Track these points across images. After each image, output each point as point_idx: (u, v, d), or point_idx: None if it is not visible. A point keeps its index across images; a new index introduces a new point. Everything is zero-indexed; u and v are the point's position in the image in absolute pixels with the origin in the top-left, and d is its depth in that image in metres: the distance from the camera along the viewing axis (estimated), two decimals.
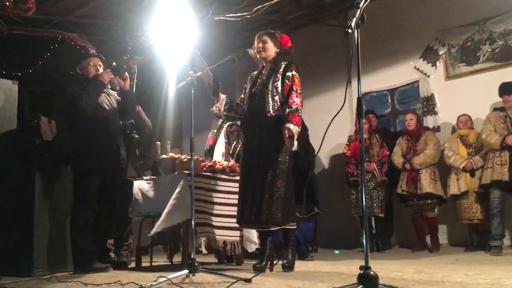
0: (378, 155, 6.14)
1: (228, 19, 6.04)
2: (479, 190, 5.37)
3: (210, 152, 5.40)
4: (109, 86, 4.35)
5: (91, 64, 4.26)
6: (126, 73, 4.26)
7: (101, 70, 4.23)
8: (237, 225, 4.18)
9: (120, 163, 4.27)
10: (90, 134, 4.06)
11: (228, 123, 5.19)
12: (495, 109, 5.45)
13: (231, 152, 5.02)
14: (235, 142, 5.11)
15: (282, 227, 3.72)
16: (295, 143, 4.46)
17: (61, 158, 4.12)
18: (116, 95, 4.41)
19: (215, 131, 5.56)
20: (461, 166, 5.53)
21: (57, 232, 4.21)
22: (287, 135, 3.59)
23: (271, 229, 3.73)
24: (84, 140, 4.05)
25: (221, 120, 5.34)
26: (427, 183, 5.69)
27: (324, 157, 7.37)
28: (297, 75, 3.80)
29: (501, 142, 5.08)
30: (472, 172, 5.48)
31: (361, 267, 2.26)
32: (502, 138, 5.08)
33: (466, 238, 5.67)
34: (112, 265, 4.20)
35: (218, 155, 5.19)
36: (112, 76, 4.25)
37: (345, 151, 6.33)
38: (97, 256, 4.09)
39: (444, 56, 6.55)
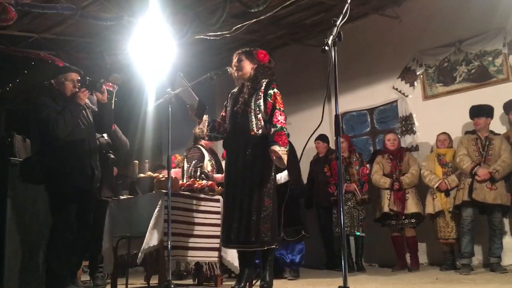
0: (358, 174, 6.14)
1: (208, 38, 6.04)
2: (454, 210, 5.41)
3: None
4: (87, 101, 4.18)
5: (69, 79, 4.03)
6: (103, 86, 4.06)
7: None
8: (215, 246, 4.11)
9: (93, 184, 4.11)
10: (64, 155, 3.85)
11: (190, 147, 5.24)
12: (466, 132, 5.55)
13: (187, 176, 4.95)
14: (192, 163, 5.10)
15: (272, 246, 3.66)
16: (285, 173, 4.45)
17: (33, 179, 3.89)
18: (93, 107, 4.23)
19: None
20: (435, 186, 5.57)
21: (30, 254, 4.08)
22: (274, 157, 3.57)
23: (260, 248, 3.67)
24: (57, 161, 3.83)
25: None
26: (414, 203, 5.72)
27: (304, 176, 7.32)
28: (278, 92, 3.81)
29: (471, 170, 5.15)
30: (447, 192, 5.52)
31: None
32: (472, 166, 5.16)
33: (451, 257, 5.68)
34: None
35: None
36: (89, 93, 4.07)
37: (326, 171, 6.32)
38: (70, 278, 3.95)
39: (421, 76, 6.65)
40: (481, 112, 5.37)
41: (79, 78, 4.05)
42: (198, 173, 4.76)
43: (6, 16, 5.11)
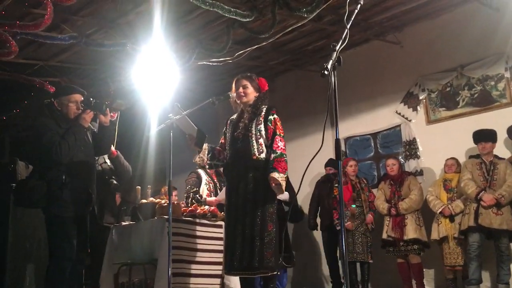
0: (368, 200, 6.08)
1: (211, 64, 6.09)
2: (459, 236, 5.34)
3: None
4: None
5: (73, 101, 3.90)
6: (108, 108, 3.96)
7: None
8: (218, 273, 4.05)
9: (88, 207, 3.94)
10: (64, 179, 3.72)
11: (190, 172, 5.27)
12: (470, 157, 5.51)
13: (185, 200, 4.94)
14: (186, 189, 5.09)
15: (275, 272, 3.61)
16: (286, 193, 4.44)
17: (31, 203, 3.75)
18: (93, 129, 4.11)
19: None
20: (438, 211, 5.51)
21: (29, 280, 4.04)
22: (273, 184, 3.56)
23: (264, 274, 3.61)
24: (57, 185, 3.71)
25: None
26: (413, 229, 5.63)
27: (306, 200, 7.28)
28: (278, 118, 3.83)
29: (476, 195, 5.11)
30: (451, 218, 5.45)
31: None
32: (477, 192, 5.12)
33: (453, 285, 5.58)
34: None
35: None
36: (93, 114, 3.93)
37: (336, 194, 6.21)
38: None
39: (424, 101, 6.64)
40: (488, 136, 5.35)
41: (83, 99, 3.95)
42: (190, 199, 4.74)
43: (8, 49, 5.11)
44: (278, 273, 3.72)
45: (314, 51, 7.34)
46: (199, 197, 4.79)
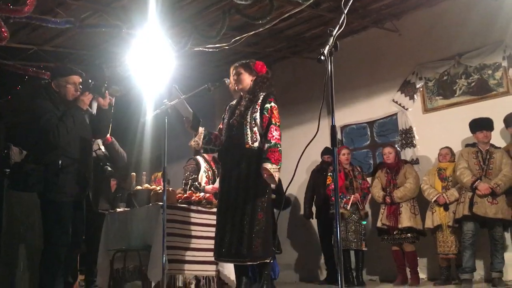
0: (361, 187, 6.09)
1: (207, 50, 6.03)
2: (454, 224, 5.35)
3: None
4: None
5: (71, 82, 3.77)
6: (107, 91, 3.85)
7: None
8: (212, 259, 4.04)
9: (85, 192, 3.88)
10: (61, 163, 3.61)
11: (188, 159, 5.29)
12: (467, 145, 5.50)
13: (183, 187, 4.92)
14: (185, 175, 5.09)
15: (266, 260, 3.59)
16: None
17: (26, 187, 3.63)
18: (91, 111, 4.01)
19: None
20: (433, 200, 5.52)
21: (23, 266, 4.03)
22: (265, 176, 3.53)
23: (253, 263, 3.60)
24: (54, 170, 3.61)
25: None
26: (407, 217, 5.64)
27: (302, 189, 7.28)
28: (276, 106, 3.74)
29: (472, 184, 5.11)
30: (445, 206, 5.46)
31: None
32: (473, 180, 5.11)
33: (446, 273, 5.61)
34: None
35: None
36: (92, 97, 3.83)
37: (329, 182, 6.22)
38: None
39: (421, 89, 6.63)
40: (488, 125, 5.34)
41: (81, 81, 3.85)
42: (188, 186, 4.72)
43: None
44: (271, 260, 3.70)
45: (312, 39, 7.29)
46: (197, 185, 4.77)
